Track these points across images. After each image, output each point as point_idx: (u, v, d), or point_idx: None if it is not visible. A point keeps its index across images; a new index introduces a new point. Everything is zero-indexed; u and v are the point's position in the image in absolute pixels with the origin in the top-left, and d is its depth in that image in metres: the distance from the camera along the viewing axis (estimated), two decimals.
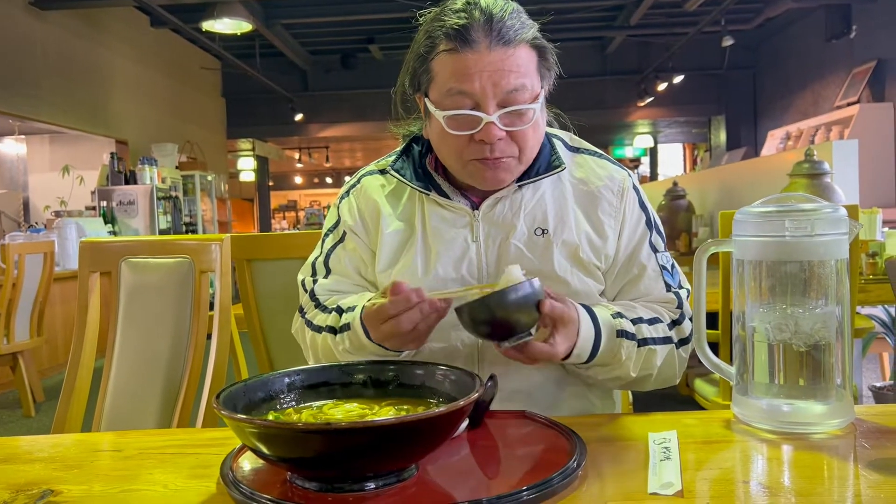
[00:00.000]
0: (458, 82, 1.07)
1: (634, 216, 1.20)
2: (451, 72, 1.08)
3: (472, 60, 1.06)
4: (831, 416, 0.92)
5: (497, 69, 1.06)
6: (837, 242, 0.93)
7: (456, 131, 1.09)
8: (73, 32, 7.31)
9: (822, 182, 3.15)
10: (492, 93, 1.06)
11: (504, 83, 1.06)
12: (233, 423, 0.75)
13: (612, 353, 1.07)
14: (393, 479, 0.77)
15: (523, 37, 1.08)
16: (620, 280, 1.19)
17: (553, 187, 1.19)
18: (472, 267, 1.16)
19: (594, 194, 1.19)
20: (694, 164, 14.28)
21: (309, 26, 9.51)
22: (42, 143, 8.61)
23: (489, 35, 1.06)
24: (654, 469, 0.80)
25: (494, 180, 1.13)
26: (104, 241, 1.60)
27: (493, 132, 1.07)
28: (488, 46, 1.06)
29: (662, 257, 1.20)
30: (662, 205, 5.35)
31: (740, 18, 8.97)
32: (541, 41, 1.12)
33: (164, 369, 1.49)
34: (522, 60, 1.08)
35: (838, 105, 7.68)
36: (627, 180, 1.21)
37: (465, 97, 1.07)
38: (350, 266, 1.23)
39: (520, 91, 1.07)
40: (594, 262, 1.16)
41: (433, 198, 1.18)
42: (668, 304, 1.17)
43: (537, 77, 1.11)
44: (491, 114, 1.07)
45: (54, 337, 5.18)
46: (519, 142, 1.10)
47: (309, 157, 16.24)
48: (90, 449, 1.01)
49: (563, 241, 1.15)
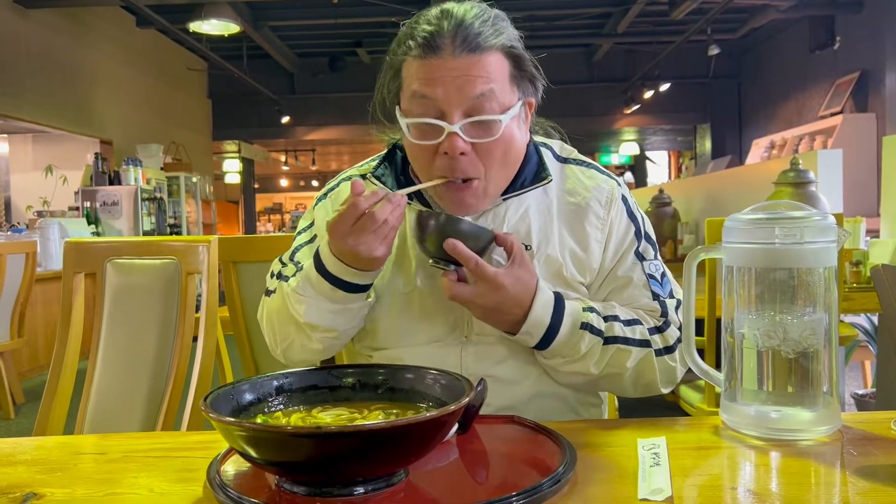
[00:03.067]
0: (421, 86, 1.04)
1: (622, 227, 1.17)
2: (416, 77, 1.05)
3: (435, 66, 1.04)
4: (819, 423, 0.93)
5: (461, 75, 1.03)
6: (826, 250, 0.93)
7: (420, 140, 1.07)
8: (58, 31, 7.25)
9: (807, 191, 3.18)
10: (455, 100, 1.03)
11: (468, 89, 1.03)
12: (221, 426, 0.75)
13: (571, 344, 1.06)
14: (382, 484, 0.77)
15: (493, 44, 1.05)
16: (604, 291, 1.18)
17: (538, 201, 1.16)
18: None
19: (581, 207, 1.16)
20: (679, 172, 14.37)
21: (297, 29, 9.49)
22: (25, 142, 8.52)
23: (454, 42, 1.03)
24: (644, 475, 0.80)
25: (462, 205, 1.09)
26: (89, 242, 1.58)
27: (456, 144, 1.03)
28: (453, 53, 1.03)
29: (651, 266, 1.17)
30: (648, 212, 5.39)
31: (726, 28, 9.06)
32: (517, 50, 1.08)
33: (149, 371, 1.47)
34: (491, 67, 1.04)
35: (822, 115, 7.76)
36: (616, 190, 1.19)
37: (428, 104, 1.05)
38: None
39: (486, 98, 1.04)
40: (578, 280, 1.15)
41: (414, 206, 1.15)
42: (652, 312, 1.15)
43: (510, 87, 1.07)
44: (454, 123, 1.03)
45: (35, 338, 5.12)
46: (485, 158, 1.06)
47: (295, 160, 16.19)
48: (73, 451, 0.99)
49: (546, 257, 1.13)
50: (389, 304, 1.16)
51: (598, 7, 8.78)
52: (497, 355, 1.14)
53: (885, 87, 6.95)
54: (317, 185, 19.92)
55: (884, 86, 6.96)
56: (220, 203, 12.20)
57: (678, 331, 1.14)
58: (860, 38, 7.41)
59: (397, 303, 1.16)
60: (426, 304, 1.15)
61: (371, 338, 1.21)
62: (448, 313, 1.15)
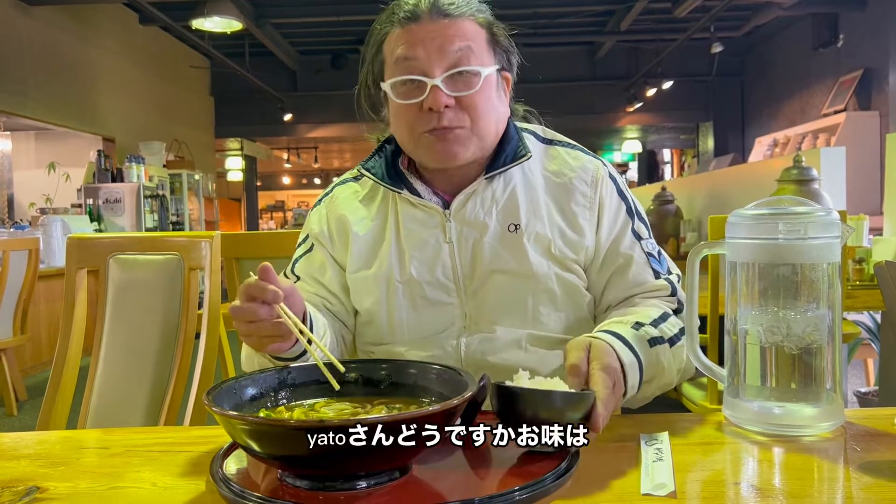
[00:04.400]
0: (403, 49, 1.11)
1: (613, 206, 1.18)
2: (397, 43, 1.12)
3: (415, 30, 1.10)
4: (822, 419, 0.93)
5: (440, 34, 1.10)
6: (830, 246, 0.93)
7: (404, 100, 1.11)
8: (61, 28, 7.26)
9: (810, 188, 3.17)
10: (436, 57, 1.09)
11: (447, 45, 1.09)
12: (224, 421, 0.75)
13: (654, 365, 1.03)
14: (384, 478, 0.77)
15: (465, 11, 1.12)
16: (606, 271, 1.18)
17: (524, 180, 1.18)
18: (447, 269, 1.16)
19: (567, 186, 1.18)
20: (682, 170, 14.35)
21: (299, 26, 9.49)
22: (27, 139, 8.52)
23: (431, 11, 1.11)
24: (647, 470, 0.80)
25: (446, 153, 1.12)
26: (92, 238, 1.58)
27: (439, 97, 1.08)
28: (431, 19, 1.10)
29: (648, 244, 1.19)
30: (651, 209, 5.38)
31: (729, 26, 9.04)
32: (490, 19, 1.15)
33: (151, 367, 1.47)
34: (468, 31, 1.11)
35: (825, 113, 7.74)
36: (602, 169, 1.20)
37: (410, 65, 1.10)
38: (308, 275, 1.23)
39: (465, 53, 1.10)
40: (570, 257, 1.15)
41: (405, 196, 1.17)
42: (661, 291, 1.16)
43: (487, 52, 1.13)
44: (436, 77, 1.08)
45: (38, 335, 5.13)
46: (469, 111, 1.11)
47: (297, 158, 16.19)
48: (76, 446, 0.99)
49: (535, 235, 1.15)
50: (385, 296, 1.17)
51: (601, 4, 8.77)
52: (497, 344, 1.14)
53: (888, 85, 6.94)
54: (319, 182, 19.92)
55: (887, 83, 6.95)
56: (222, 200, 12.20)
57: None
58: (864, 35, 7.39)
59: (393, 295, 1.17)
60: (424, 294, 1.16)
61: (371, 333, 1.21)
62: (446, 304, 1.16)
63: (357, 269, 1.19)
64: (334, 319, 1.22)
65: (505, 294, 1.14)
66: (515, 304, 1.15)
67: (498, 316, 1.15)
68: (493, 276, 1.15)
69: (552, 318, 1.15)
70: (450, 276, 1.16)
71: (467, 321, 1.15)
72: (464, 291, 1.16)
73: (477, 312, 1.15)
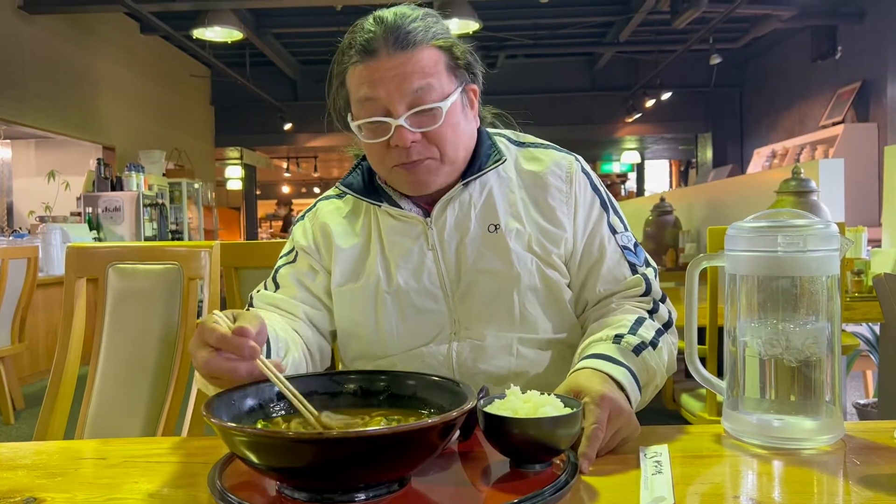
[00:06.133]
0: (366, 90, 1.11)
1: (587, 199, 1.20)
2: (359, 82, 1.12)
3: (373, 68, 1.10)
4: (821, 432, 0.93)
5: (398, 73, 1.09)
6: (829, 258, 0.93)
7: (372, 139, 1.13)
8: (62, 37, 7.28)
9: (808, 200, 3.17)
10: (397, 96, 1.09)
11: (406, 85, 1.09)
12: (223, 432, 0.74)
13: (644, 371, 1.06)
14: (383, 490, 0.77)
15: (423, 39, 1.11)
16: (584, 266, 1.19)
17: (500, 181, 1.20)
18: (433, 276, 1.17)
19: (541, 182, 1.20)
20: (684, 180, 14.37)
21: (300, 36, 9.52)
22: (27, 147, 8.55)
23: (388, 43, 1.09)
24: (647, 483, 0.79)
25: (418, 183, 1.14)
26: (92, 247, 1.58)
27: (404, 135, 1.09)
28: (388, 53, 1.09)
29: (623, 238, 1.21)
30: (650, 220, 5.38)
31: (728, 37, 9.08)
32: (447, 40, 1.14)
33: (150, 377, 1.47)
34: (425, 62, 1.10)
35: (823, 125, 7.77)
36: (574, 164, 1.22)
37: (373, 104, 1.11)
38: (293, 279, 1.23)
39: (425, 90, 1.09)
40: (553, 252, 1.17)
41: (385, 209, 1.19)
42: (636, 289, 1.17)
43: (448, 76, 1.12)
44: (399, 116, 1.09)
45: (36, 343, 5.12)
46: (436, 142, 1.12)
47: (297, 167, 16.20)
48: (74, 456, 0.99)
49: (515, 232, 1.16)
50: (374, 307, 1.18)
51: (601, 16, 8.80)
52: (488, 351, 1.15)
53: (886, 97, 6.96)
54: (318, 191, 19.93)
55: (885, 96, 6.97)
56: (221, 209, 12.20)
57: (662, 303, 1.17)
58: (862, 48, 7.42)
59: (381, 305, 1.17)
60: (412, 303, 1.17)
61: (357, 346, 1.21)
62: (435, 311, 1.17)
63: (343, 283, 1.20)
64: (313, 331, 1.21)
65: (491, 296, 1.16)
66: (502, 305, 1.16)
67: (486, 319, 1.16)
68: (478, 277, 1.16)
69: (539, 318, 1.17)
70: (436, 282, 1.17)
71: (456, 326, 1.17)
72: (451, 297, 1.17)
73: (465, 317, 1.16)
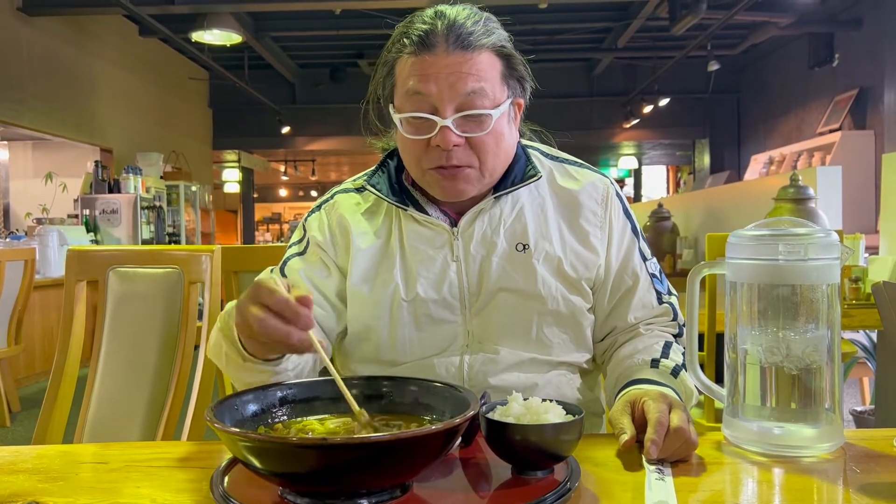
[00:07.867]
0: (416, 83, 1.07)
1: (620, 225, 1.19)
2: (410, 73, 1.08)
3: (429, 62, 1.06)
4: (821, 440, 0.93)
5: (454, 72, 1.05)
6: (829, 267, 0.94)
7: (413, 136, 1.09)
8: (61, 39, 7.28)
9: (806, 207, 3.19)
10: (448, 96, 1.05)
11: (461, 85, 1.05)
12: (226, 437, 0.75)
13: (684, 391, 1.08)
14: (386, 496, 0.77)
15: (485, 42, 1.08)
16: (615, 293, 1.18)
17: (532, 199, 1.17)
18: (454, 288, 1.14)
19: (575, 203, 1.17)
20: (677, 187, 14.40)
21: (298, 39, 9.53)
22: (25, 149, 8.52)
23: (448, 39, 1.06)
24: (649, 489, 0.80)
25: (453, 191, 1.11)
26: (92, 250, 1.58)
27: (448, 137, 1.06)
28: (447, 50, 1.06)
29: (651, 265, 1.21)
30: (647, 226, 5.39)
31: (726, 44, 9.12)
32: (508, 49, 1.11)
33: (150, 380, 1.47)
34: (483, 65, 1.07)
35: (820, 132, 7.79)
36: (610, 188, 1.20)
37: (422, 99, 1.07)
38: (303, 276, 1.17)
39: (478, 95, 1.06)
40: (583, 276, 1.15)
41: (411, 213, 1.15)
42: (664, 317, 1.18)
43: (501, 85, 1.10)
44: (446, 118, 1.06)
45: (32, 345, 5.10)
46: (478, 151, 1.08)
47: (295, 170, 16.20)
48: (75, 460, 0.99)
49: (545, 255, 1.14)
50: (389, 314, 1.15)
51: (599, 22, 8.83)
52: (500, 366, 1.13)
53: (883, 105, 6.98)
54: (316, 195, 19.96)
55: (882, 103, 7.00)
56: (218, 212, 12.21)
57: (683, 327, 1.19)
58: (859, 55, 7.45)
59: (397, 313, 1.14)
60: (428, 313, 1.14)
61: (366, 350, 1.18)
62: (450, 322, 1.14)
63: (358, 284, 1.16)
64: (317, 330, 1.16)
65: (510, 314, 1.14)
66: (520, 324, 1.14)
67: (501, 336, 1.14)
68: (499, 294, 1.14)
69: (555, 341, 1.15)
70: (456, 294, 1.14)
71: (469, 339, 1.14)
72: (468, 310, 1.15)
73: (480, 331, 1.14)
